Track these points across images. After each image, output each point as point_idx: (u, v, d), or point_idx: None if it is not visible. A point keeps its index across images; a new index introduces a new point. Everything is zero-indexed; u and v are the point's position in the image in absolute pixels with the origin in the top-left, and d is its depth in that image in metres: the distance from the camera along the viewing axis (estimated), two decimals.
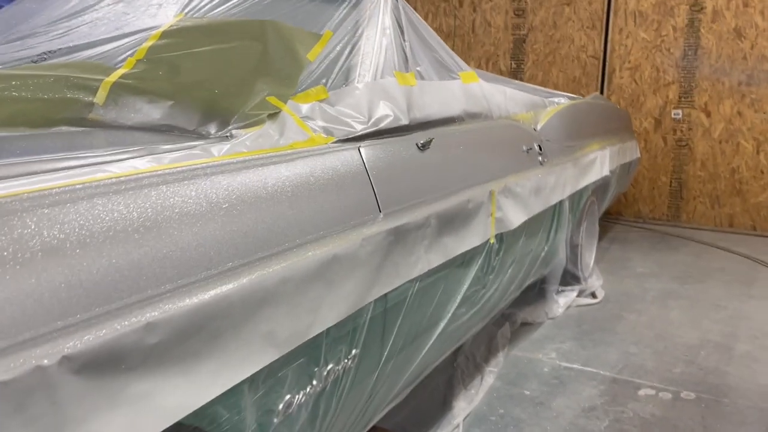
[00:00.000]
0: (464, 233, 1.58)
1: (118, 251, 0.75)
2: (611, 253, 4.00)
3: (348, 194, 1.18)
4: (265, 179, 1.01)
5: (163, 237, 0.81)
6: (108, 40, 1.43)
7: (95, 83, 1.22)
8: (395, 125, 1.40)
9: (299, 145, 1.16)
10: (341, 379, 1.16)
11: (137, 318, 0.73)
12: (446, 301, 1.58)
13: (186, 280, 0.82)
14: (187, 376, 0.79)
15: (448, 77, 1.81)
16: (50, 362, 0.63)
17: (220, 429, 0.86)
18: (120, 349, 0.70)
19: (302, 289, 0.99)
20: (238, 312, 0.86)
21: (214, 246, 0.87)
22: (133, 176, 0.83)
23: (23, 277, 0.65)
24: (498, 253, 1.85)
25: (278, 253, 0.97)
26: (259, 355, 0.91)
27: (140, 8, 1.58)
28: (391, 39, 1.54)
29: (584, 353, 2.43)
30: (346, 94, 1.34)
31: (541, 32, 5.18)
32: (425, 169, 1.47)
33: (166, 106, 1.21)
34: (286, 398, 1.01)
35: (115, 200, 0.78)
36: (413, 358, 1.49)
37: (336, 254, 1.07)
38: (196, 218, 0.87)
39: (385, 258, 1.23)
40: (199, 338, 0.80)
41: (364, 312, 1.19)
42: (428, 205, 1.41)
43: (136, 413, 0.71)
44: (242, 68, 1.32)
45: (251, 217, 0.95)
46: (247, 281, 0.88)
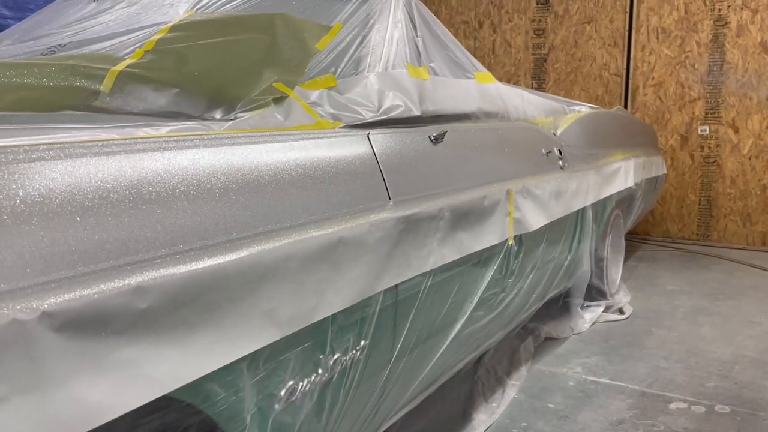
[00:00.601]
0: (480, 231, 1.52)
1: (110, 212, 0.72)
2: (639, 271, 3.89)
3: (356, 179, 1.15)
4: (269, 155, 0.98)
5: (158, 202, 0.78)
6: (118, 35, 1.44)
7: (102, 72, 1.21)
8: (406, 116, 1.37)
9: (305, 128, 1.13)
10: (349, 371, 1.11)
11: (126, 280, 0.69)
12: (462, 301, 1.52)
13: (181, 247, 0.78)
14: (179, 347, 0.74)
15: (462, 76, 1.78)
16: (28, 317, 0.59)
17: (215, 408, 0.82)
18: (106, 311, 0.66)
19: (306, 269, 0.95)
20: (236, 285, 0.82)
21: (213, 216, 0.84)
22: (129, 140, 0.81)
23: (2, 230, 0.62)
24: (517, 256, 1.79)
25: (281, 230, 0.93)
26: (260, 333, 0.86)
27: (152, 8, 1.59)
28: (403, 32, 1.52)
29: (611, 368, 2.33)
30: (355, 83, 1.32)
31: (562, 51, 5.15)
32: (438, 162, 1.43)
33: (172, 93, 1.20)
34: (289, 384, 0.96)
35: (109, 161, 0.76)
36: (427, 359, 1.43)
37: (342, 237, 1.03)
38: (195, 187, 0.84)
39: (395, 247, 1.18)
40: (194, 309, 0.76)
41: (373, 302, 1.14)
42: (441, 198, 1.36)
43: (121, 380, 0.67)
44: (250, 58, 1.31)
45: (253, 191, 0.92)
46: (247, 254, 0.85)
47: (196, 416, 0.80)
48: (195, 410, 0.79)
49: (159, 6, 1.60)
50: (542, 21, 5.21)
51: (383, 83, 1.36)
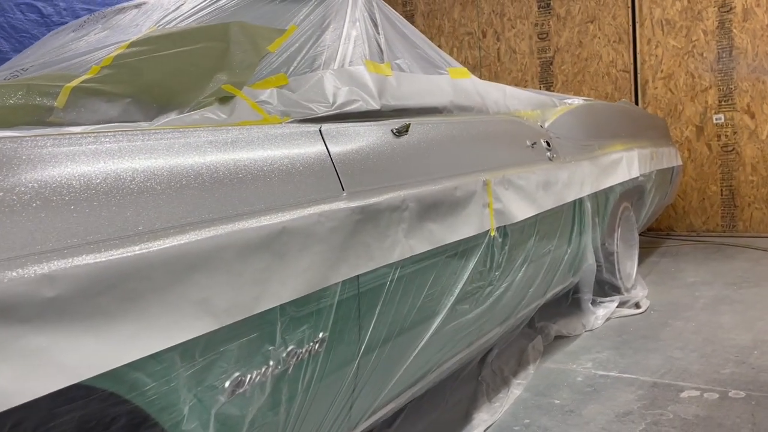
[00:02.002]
0: (454, 222, 1.50)
1: (19, 204, 0.73)
2: (661, 266, 3.78)
3: (304, 171, 1.14)
4: (200, 148, 0.99)
5: (73, 194, 0.78)
6: (80, 55, 1.48)
7: (57, 89, 1.24)
8: (364, 110, 1.37)
9: (249, 123, 1.14)
10: (308, 363, 1.09)
11: (31, 269, 0.70)
12: (440, 294, 1.50)
13: (97, 238, 0.78)
14: (96, 335, 0.74)
15: (435, 72, 1.78)
16: None
17: (144, 398, 0.81)
18: (9, 298, 0.67)
19: (243, 258, 0.94)
20: (160, 275, 0.82)
21: (134, 208, 0.84)
22: (40, 135, 0.82)
23: None
24: (503, 248, 1.75)
25: (215, 220, 0.93)
26: (191, 322, 0.86)
27: (119, 29, 1.63)
28: (361, 31, 1.52)
29: (623, 361, 2.26)
30: (307, 80, 1.33)
31: (567, 52, 5.11)
32: (401, 155, 1.42)
33: (124, 103, 1.22)
34: (234, 375, 0.94)
35: (19, 153, 0.77)
36: (405, 354, 1.40)
37: (285, 227, 1.02)
38: (116, 179, 0.84)
39: (351, 237, 1.17)
40: (112, 297, 0.76)
41: (330, 293, 1.13)
42: (404, 189, 1.35)
43: (29, 366, 0.67)
44: (202, 65, 1.33)
45: (180, 183, 0.92)
46: (172, 244, 0.84)
47: (123, 406, 0.80)
48: (120, 400, 0.79)
49: (126, 27, 1.64)
50: (545, 24, 5.19)
51: (338, 79, 1.37)
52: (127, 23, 1.68)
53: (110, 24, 1.77)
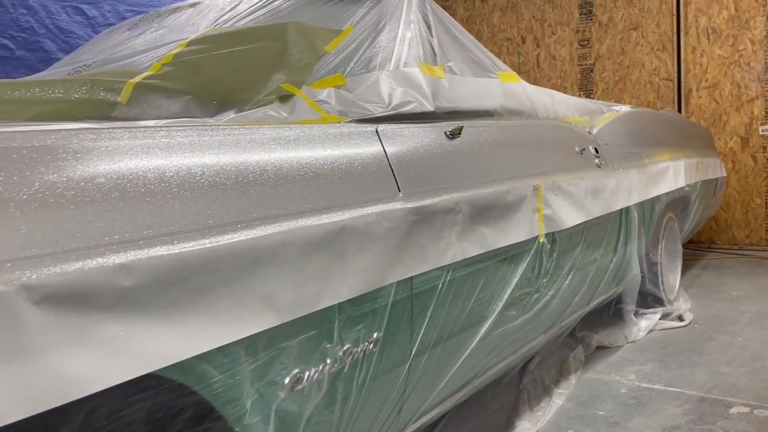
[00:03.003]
0: (505, 226, 1.49)
1: (98, 194, 0.74)
2: (703, 278, 3.69)
3: (362, 170, 1.14)
4: (265, 144, 0.99)
5: (148, 186, 0.79)
6: (140, 53, 1.51)
7: (120, 85, 1.27)
8: (418, 111, 1.37)
9: (309, 122, 1.14)
10: (362, 363, 1.09)
11: (110, 259, 0.71)
12: (489, 298, 1.48)
13: (170, 229, 0.79)
14: (168, 326, 0.75)
15: (485, 76, 1.77)
16: (7, 288, 0.61)
17: (211, 390, 0.81)
18: (89, 287, 0.68)
19: (306, 255, 0.94)
20: (229, 269, 0.83)
21: (205, 202, 0.85)
22: (118, 127, 0.83)
23: None
24: (551, 255, 1.73)
25: (279, 217, 0.94)
26: (257, 317, 0.86)
27: (176, 28, 1.66)
28: (416, 33, 1.52)
29: (667, 374, 2.21)
30: (364, 81, 1.33)
31: (608, 60, 5.04)
32: (455, 157, 1.41)
33: (185, 100, 1.24)
34: (293, 372, 0.95)
35: (98, 145, 0.78)
36: (454, 357, 1.39)
37: (345, 225, 1.02)
38: (187, 173, 0.85)
39: (407, 238, 1.16)
40: (183, 289, 0.77)
41: (385, 293, 1.13)
42: (458, 192, 1.34)
43: (105, 355, 0.68)
44: (260, 64, 1.34)
45: (248, 178, 0.93)
46: (240, 238, 0.85)
47: (191, 398, 0.80)
48: (189, 391, 0.79)
49: (183, 26, 1.67)
50: (586, 31, 5.13)
51: (394, 80, 1.37)
52: (183, 22, 1.71)
53: (166, 23, 1.80)
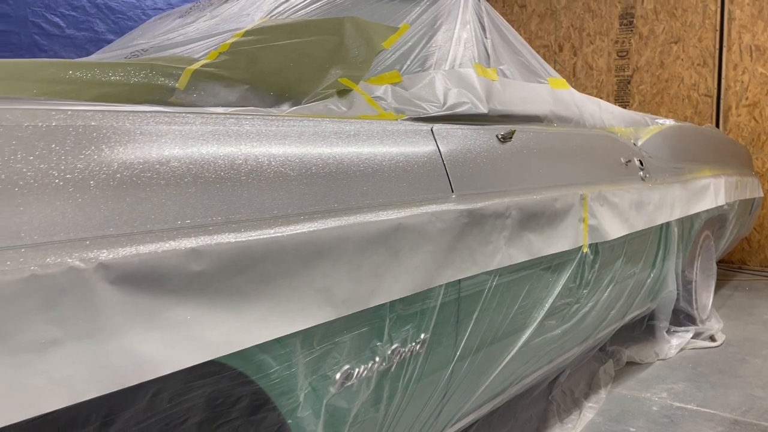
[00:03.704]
0: (552, 234, 1.47)
1: (172, 178, 0.74)
2: (734, 299, 3.62)
3: (417, 170, 1.13)
4: (328, 137, 0.99)
5: (219, 173, 0.79)
6: (196, 40, 1.51)
7: (178, 71, 1.27)
8: (472, 113, 1.35)
9: (367, 118, 1.13)
10: (408, 363, 1.08)
11: (183, 242, 0.71)
12: (532, 306, 1.46)
13: (238, 217, 0.79)
14: (233, 313, 0.75)
15: (535, 81, 1.75)
16: (86, 266, 0.61)
17: (268, 380, 0.81)
18: (161, 269, 0.68)
19: (363, 251, 0.94)
20: (291, 260, 0.82)
21: (271, 192, 0.85)
22: (192, 113, 0.84)
23: (69, 184, 0.65)
24: (593, 266, 1.71)
25: (338, 210, 0.93)
26: (314, 310, 0.86)
27: (230, 17, 1.66)
28: (471, 34, 1.51)
29: (700, 395, 2.16)
30: (420, 79, 1.32)
31: (647, 72, 4.98)
32: (506, 161, 1.40)
33: (242, 89, 1.24)
34: (344, 368, 0.94)
35: (172, 129, 0.78)
36: (494, 364, 1.37)
37: (401, 223, 1.02)
38: (255, 162, 0.85)
39: (458, 240, 1.15)
40: (248, 277, 0.77)
41: (434, 294, 1.12)
42: (508, 196, 1.33)
43: (174, 338, 0.68)
44: (317, 57, 1.33)
45: (311, 171, 0.92)
46: (301, 230, 0.85)
47: (248, 387, 0.80)
48: (247, 380, 0.79)
49: (237, 16, 1.67)
50: (626, 42, 5.07)
51: (449, 80, 1.36)
52: (237, 12, 1.72)
53: (218, 12, 1.80)
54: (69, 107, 0.71)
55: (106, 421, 0.66)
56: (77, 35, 3.67)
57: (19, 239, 0.59)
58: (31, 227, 0.60)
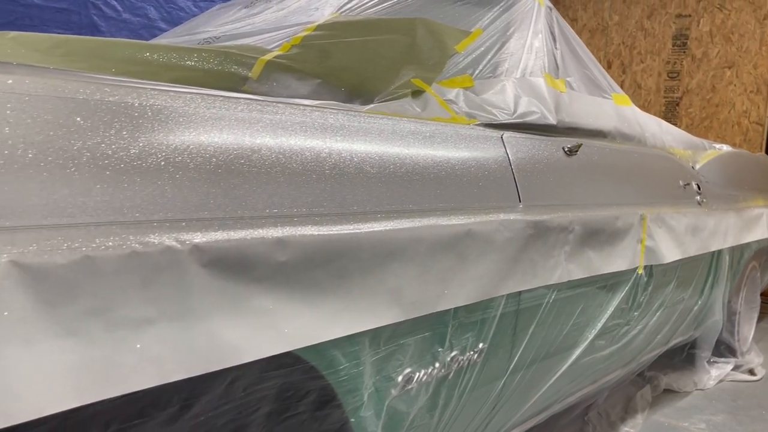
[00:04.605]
0: (611, 252, 1.44)
1: (262, 166, 0.74)
2: None
3: (487, 176, 1.12)
4: (407, 137, 0.98)
5: (305, 164, 0.79)
6: (267, 31, 1.52)
7: (252, 60, 1.27)
8: (541, 123, 1.33)
9: (441, 120, 1.12)
10: (465, 372, 1.06)
11: (270, 231, 0.70)
12: (584, 325, 1.43)
13: (319, 210, 0.79)
14: (309, 307, 0.74)
15: (598, 95, 1.72)
16: (182, 247, 0.61)
17: (337, 377, 0.80)
18: (249, 256, 0.67)
19: (433, 254, 0.92)
20: (367, 257, 0.82)
21: (351, 187, 0.84)
22: (290, 104, 0.84)
23: (170, 164, 0.65)
24: (646, 289, 1.67)
25: (412, 212, 0.92)
26: (384, 310, 0.85)
27: (299, 11, 1.66)
28: (543, 43, 1.49)
29: (740, 429, 2.10)
30: (491, 85, 1.31)
31: (697, 96, 4.88)
32: (571, 174, 1.37)
33: (314, 83, 1.23)
34: (406, 371, 0.93)
35: (264, 117, 0.78)
36: (544, 379, 1.35)
37: (471, 229, 1.00)
38: (338, 155, 0.84)
39: (522, 251, 1.13)
40: (326, 272, 0.76)
41: (495, 304, 1.10)
42: (571, 210, 1.30)
43: (256, 326, 0.68)
44: (389, 56, 1.33)
45: (390, 169, 0.91)
46: (379, 229, 0.84)
47: (318, 381, 0.79)
48: (318, 375, 0.79)
49: (305, 9, 1.67)
50: (677, 63, 4.98)
51: (520, 88, 1.34)
52: (305, 6, 1.72)
53: (285, 4, 1.81)
54: (171, 89, 0.71)
55: (186, 404, 0.66)
56: (132, 20, 3.73)
57: (122, 215, 0.59)
58: (133, 204, 0.60)
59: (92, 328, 0.54)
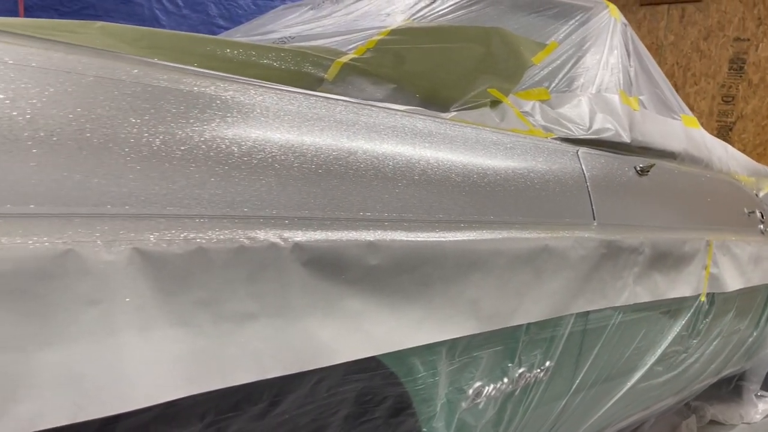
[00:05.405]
0: (676, 277, 1.40)
1: (355, 167, 0.74)
2: None
3: (564, 192, 1.10)
4: (491, 147, 0.97)
5: (395, 169, 0.79)
6: (340, 33, 1.52)
7: (328, 62, 1.28)
8: (615, 140, 1.31)
9: (520, 132, 1.11)
10: (531, 390, 1.05)
11: (363, 234, 0.70)
12: (645, 349, 1.40)
13: (408, 215, 0.78)
14: (394, 312, 0.74)
15: (668, 116, 1.68)
16: (284, 244, 0.61)
17: (414, 385, 0.79)
18: (344, 257, 0.67)
19: (512, 267, 0.91)
20: (450, 266, 0.81)
21: (437, 194, 0.83)
22: (374, 105, 0.83)
23: (276, 161, 0.65)
24: (706, 317, 1.63)
25: (493, 223, 0.91)
26: (463, 320, 0.83)
27: (370, 16, 1.67)
28: (618, 59, 1.46)
29: None
30: (567, 99, 1.29)
31: (752, 121, 4.76)
32: (642, 195, 1.34)
33: (389, 88, 1.23)
34: (476, 384, 0.91)
35: (360, 119, 0.78)
36: (602, 402, 1.32)
37: (548, 245, 0.98)
38: (423, 163, 0.84)
39: (594, 270, 1.11)
40: (411, 278, 0.76)
41: (564, 323, 1.08)
42: (642, 231, 1.27)
43: (347, 328, 0.67)
44: (464, 65, 1.32)
45: (472, 179, 0.90)
46: (463, 238, 0.83)
47: (396, 388, 0.79)
48: (397, 381, 0.78)
49: (376, 14, 1.68)
50: (733, 87, 4.87)
51: (595, 104, 1.32)
52: (375, 11, 1.72)
53: (355, 8, 1.81)
54: (278, 87, 0.72)
55: (275, 400, 0.65)
56: (191, 16, 3.79)
57: (232, 209, 0.59)
58: (242, 199, 0.60)
59: (202, 319, 0.54)
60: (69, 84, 0.52)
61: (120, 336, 0.48)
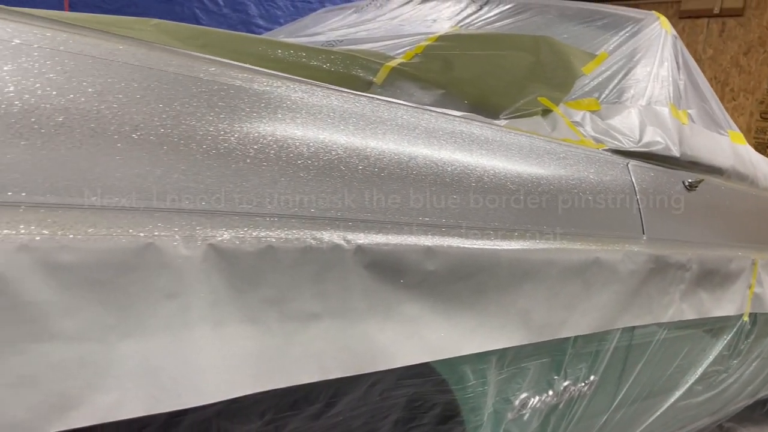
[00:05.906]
0: (721, 296, 1.37)
1: (416, 172, 0.73)
2: None
3: (614, 204, 1.09)
4: (540, 155, 0.96)
5: (453, 174, 0.78)
6: (388, 38, 1.52)
7: (377, 66, 1.28)
8: (665, 154, 1.29)
9: (572, 142, 1.10)
10: (575, 403, 1.03)
11: (421, 239, 0.70)
12: (687, 367, 1.37)
13: (464, 222, 0.77)
14: (448, 319, 0.73)
15: (715, 130, 1.65)
16: (348, 246, 0.61)
17: (464, 393, 0.79)
18: (403, 262, 0.67)
19: (563, 279, 0.90)
20: (504, 275, 0.80)
21: (492, 202, 0.83)
22: (434, 111, 0.83)
23: (342, 164, 0.65)
24: (748, 337, 1.59)
25: (546, 234, 0.90)
26: (513, 330, 0.83)
27: (416, 21, 1.67)
28: (668, 72, 1.44)
29: None
30: (617, 111, 1.27)
31: None
32: (690, 210, 1.32)
33: (438, 93, 1.23)
34: (522, 396, 0.91)
35: (421, 124, 0.78)
36: (640, 419, 1.30)
37: (598, 258, 0.97)
38: (479, 169, 0.83)
39: (642, 285, 1.09)
40: (466, 285, 0.75)
41: (610, 337, 1.06)
42: (690, 248, 1.25)
43: (404, 332, 0.67)
44: (513, 73, 1.31)
45: (527, 187, 0.90)
46: (517, 247, 0.82)
47: (446, 395, 0.78)
48: (447, 389, 0.77)
49: (422, 20, 1.68)
50: None
51: (645, 117, 1.30)
52: (421, 16, 1.72)
53: (399, 13, 1.82)
54: (342, 90, 0.72)
55: (330, 401, 0.65)
56: (231, 15, 3.83)
57: (300, 209, 0.59)
58: (309, 200, 0.60)
59: (269, 317, 0.54)
60: (152, 80, 0.52)
61: (195, 330, 0.49)
